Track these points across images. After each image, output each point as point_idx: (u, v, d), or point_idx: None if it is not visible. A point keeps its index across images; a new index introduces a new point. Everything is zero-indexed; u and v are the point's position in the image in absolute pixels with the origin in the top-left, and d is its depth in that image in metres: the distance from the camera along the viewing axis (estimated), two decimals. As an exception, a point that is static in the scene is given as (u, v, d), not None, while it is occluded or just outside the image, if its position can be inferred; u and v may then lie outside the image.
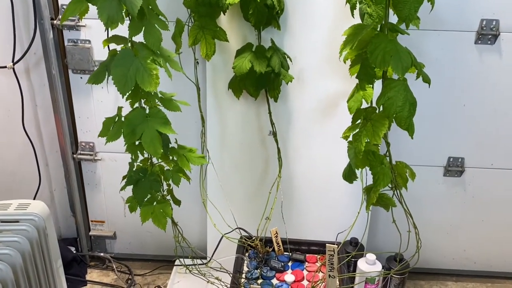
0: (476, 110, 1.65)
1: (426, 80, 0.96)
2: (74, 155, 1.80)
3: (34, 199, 1.82)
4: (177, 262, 1.81)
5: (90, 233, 1.95)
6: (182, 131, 1.69)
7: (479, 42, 1.55)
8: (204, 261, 1.59)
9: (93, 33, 1.61)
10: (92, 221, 1.95)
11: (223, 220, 1.61)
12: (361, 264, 1.60)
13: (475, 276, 1.92)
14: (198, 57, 1.49)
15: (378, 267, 1.58)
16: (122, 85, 0.94)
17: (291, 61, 1.52)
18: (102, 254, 1.97)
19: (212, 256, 1.67)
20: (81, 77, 1.69)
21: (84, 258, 1.95)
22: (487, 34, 1.53)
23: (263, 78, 1.44)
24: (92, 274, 1.91)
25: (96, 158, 1.81)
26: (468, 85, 1.62)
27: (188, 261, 1.67)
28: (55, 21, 1.58)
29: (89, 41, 1.62)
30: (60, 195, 1.95)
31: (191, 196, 1.74)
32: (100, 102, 1.72)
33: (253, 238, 1.57)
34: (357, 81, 1.19)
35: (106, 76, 1.00)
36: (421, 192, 1.78)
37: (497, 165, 1.73)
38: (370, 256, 1.57)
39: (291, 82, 1.48)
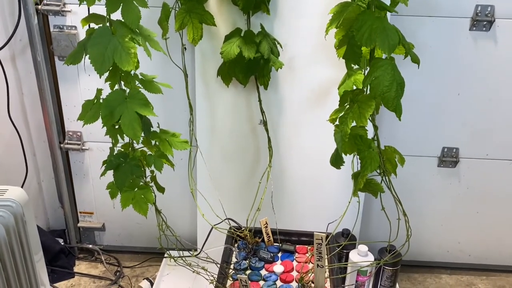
0: (471, 99, 1.62)
1: (415, 60, 0.93)
2: (61, 145, 1.77)
3: (21, 189, 1.79)
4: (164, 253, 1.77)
5: (79, 225, 1.92)
6: (171, 119, 1.67)
7: (474, 28, 1.52)
8: (192, 252, 1.55)
9: (79, 19, 1.53)
10: (80, 212, 1.92)
11: (212, 210, 1.58)
12: (353, 255, 1.56)
13: (470, 269, 1.89)
14: (186, 42, 1.46)
15: (370, 259, 1.54)
16: (99, 65, 0.91)
17: (282, 47, 1.48)
18: (90, 246, 1.94)
19: (202, 248, 1.64)
20: (67, 64, 1.64)
21: (73, 250, 1.92)
22: (482, 20, 1.50)
23: (252, 64, 1.41)
24: (80, 266, 1.87)
25: (83, 147, 1.77)
26: (463, 73, 1.59)
27: (176, 253, 1.64)
28: (39, 6, 1.54)
29: (75, 27, 1.59)
30: (48, 186, 1.92)
31: (181, 186, 1.71)
32: (87, 90, 1.68)
33: (243, 229, 1.53)
34: (349, 67, 1.16)
35: (84, 56, 0.96)
36: (415, 183, 1.75)
37: (492, 155, 1.70)
38: (362, 248, 1.54)
39: (281, 68, 1.45)
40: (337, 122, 1.00)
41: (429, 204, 1.79)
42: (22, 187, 1.81)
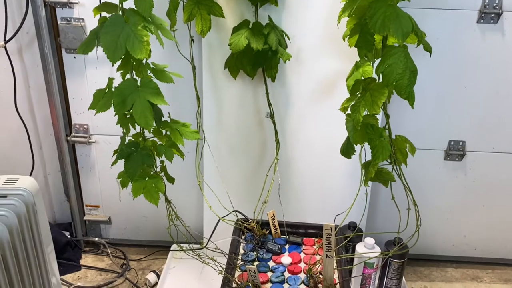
0: (478, 92, 1.62)
1: (427, 48, 0.93)
2: (68, 138, 1.77)
3: (27, 182, 1.79)
4: (172, 244, 1.78)
5: (85, 218, 1.93)
6: (177, 111, 1.66)
7: (482, 21, 1.52)
8: (202, 243, 1.55)
9: (87, 11, 1.57)
10: (86, 205, 1.92)
11: (219, 202, 1.58)
12: (360, 248, 1.57)
13: (475, 262, 1.90)
14: (193, 34, 1.45)
15: (377, 251, 1.55)
16: (112, 52, 0.91)
17: (289, 39, 1.48)
18: (96, 239, 1.94)
19: (209, 238, 1.64)
20: (74, 57, 1.65)
21: (79, 243, 1.92)
22: (490, 12, 1.50)
23: (260, 56, 1.41)
24: (87, 259, 1.88)
25: (90, 140, 1.77)
26: (470, 66, 1.59)
27: (184, 245, 1.64)
28: (47, -2, 1.55)
29: (83, 19, 1.59)
30: (55, 179, 1.92)
31: (187, 178, 1.71)
32: (94, 83, 1.68)
33: (250, 221, 1.54)
34: (357, 59, 1.15)
35: (96, 45, 0.96)
36: (421, 176, 1.76)
37: (499, 149, 1.70)
38: (369, 240, 1.54)
39: (288, 60, 1.45)
40: (348, 111, 1.00)
41: (435, 197, 1.79)
42: (28, 180, 1.82)
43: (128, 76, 1.02)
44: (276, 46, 1.40)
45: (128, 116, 1.02)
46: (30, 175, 1.81)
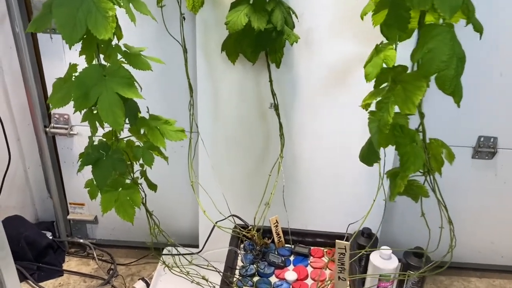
0: (515, 81, 1.41)
1: (478, 28, 0.71)
2: (47, 129, 1.58)
3: (4, 178, 1.61)
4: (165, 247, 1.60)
5: (69, 217, 1.75)
6: (170, 102, 1.48)
7: (522, -3, 1.29)
8: (192, 255, 1.37)
9: (63, -16, 1.36)
10: (70, 203, 1.74)
11: (215, 206, 1.39)
12: (375, 259, 1.38)
13: (502, 271, 1.71)
14: (185, 11, 1.25)
15: (394, 262, 1.36)
16: (69, 31, 0.70)
17: (297, 18, 1.27)
18: (81, 240, 1.76)
19: (202, 248, 1.46)
20: (51, 37, 1.45)
21: (62, 245, 1.75)
22: (534, -13, 1.27)
23: (262, 38, 1.20)
24: (70, 263, 1.70)
25: (71, 132, 1.58)
26: (508, 49, 1.36)
27: (178, 249, 1.46)
28: (16, -31, 1.34)
29: (58, -7, 1.38)
30: (36, 173, 1.74)
31: (182, 176, 1.53)
32: (74, 67, 1.48)
33: (249, 228, 1.34)
34: (377, 41, 0.95)
35: (52, 21, 0.76)
36: (446, 175, 1.52)
37: (536, 146, 1.50)
38: (385, 251, 1.35)
39: (296, 42, 1.24)
40: (372, 108, 0.79)
41: (461, 199, 1.60)
42: (5, 174, 1.63)
43: (95, 62, 0.82)
44: (282, 26, 1.19)
45: (95, 111, 0.81)
46: (7, 169, 1.63)
